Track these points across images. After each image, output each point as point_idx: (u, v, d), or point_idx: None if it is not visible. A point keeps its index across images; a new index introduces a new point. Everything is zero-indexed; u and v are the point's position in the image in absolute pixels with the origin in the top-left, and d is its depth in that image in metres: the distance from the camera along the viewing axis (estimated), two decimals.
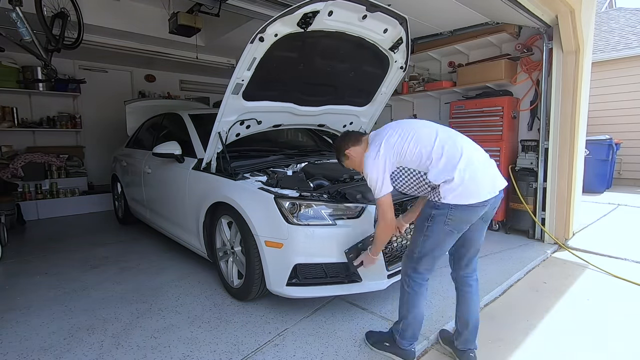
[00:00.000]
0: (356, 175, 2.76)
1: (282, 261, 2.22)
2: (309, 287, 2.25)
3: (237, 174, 2.60)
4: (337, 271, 2.25)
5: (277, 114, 3.05)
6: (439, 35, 4.63)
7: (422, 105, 5.48)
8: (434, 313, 2.41)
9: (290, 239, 2.18)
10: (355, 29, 2.58)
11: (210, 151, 2.80)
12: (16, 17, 2.96)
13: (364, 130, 3.79)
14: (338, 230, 2.23)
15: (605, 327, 2.33)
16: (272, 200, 2.24)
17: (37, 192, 5.46)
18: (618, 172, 7.70)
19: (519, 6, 3.26)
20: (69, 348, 2.10)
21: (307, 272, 2.24)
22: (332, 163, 3.17)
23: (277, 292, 2.31)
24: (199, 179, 2.92)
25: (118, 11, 4.45)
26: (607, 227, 4.54)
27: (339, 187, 2.47)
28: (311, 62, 2.75)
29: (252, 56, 2.38)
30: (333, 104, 3.28)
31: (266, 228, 2.27)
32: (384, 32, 2.73)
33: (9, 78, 5.26)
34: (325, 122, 3.52)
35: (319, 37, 2.52)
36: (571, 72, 3.63)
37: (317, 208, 2.25)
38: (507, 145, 4.14)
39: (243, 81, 2.51)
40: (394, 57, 3.03)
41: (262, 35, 2.28)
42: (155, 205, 3.71)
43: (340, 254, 2.20)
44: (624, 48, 7.82)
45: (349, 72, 3.02)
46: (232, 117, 2.74)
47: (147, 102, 5.21)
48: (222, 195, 2.58)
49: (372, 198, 2.38)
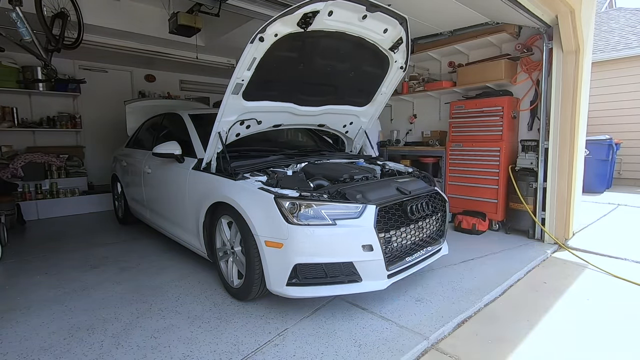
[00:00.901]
0: (356, 175, 2.76)
1: (282, 261, 2.22)
2: (309, 287, 2.25)
3: (237, 174, 2.60)
4: (337, 271, 2.25)
5: (277, 114, 3.05)
6: (439, 35, 4.64)
7: (422, 105, 5.48)
8: (434, 313, 2.41)
9: (290, 238, 2.17)
10: (356, 29, 2.58)
11: (210, 151, 2.80)
12: (16, 17, 2.96)
13: (364, 130, 3.79)
14: (338, 230, 2.23)
15: (605, 327, 2.33)
16: (272, 200, 2.24)
17: (37, 192, 5.46)
18: (618, 172, 7.71)
19: (519, 6, 3.26)
20: (69, 348, 2.10)
21: (307, 272, 2.23)
22: (332, 163, 3.16)
23: (277, 292, 2.31)
24: (199, 179, 2.92)
25: (118, 11, 4.45)
26: (607, 227, 4.54)
27: (339, 187, 2.47)
28: (311, 62, 2.75)
29: (252, 56, 2.38)
30: (333, 104, 3.28)
31: (266, 228, 2.27)
32: (384, 32, 2.73)
33: (9, 78, 5.26)
34: (325, 122, 3.53)
35: (319, 37, 2.53)
36: (571, 72, 3.63)
37: (317, 208, 2.25)
38: (507, 145, 4.14)
39: (243, 81, 2.52)
40: (394, 57, 3.04)
41: (262, 35, 2.28)
42: (156, 205, 3.71)
43: (340, 254, 2.20)
44: (624, 48, 7.83)
45: (349, 72, 3.02)
46: (232, 117, 2.74)
47: (147, 102, 5.20)
48: (222, 195, 2.58)
49: (372, 198, 2.39)
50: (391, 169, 3.30)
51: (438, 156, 4.88)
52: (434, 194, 2.85)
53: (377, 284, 2.31)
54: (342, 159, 3.36)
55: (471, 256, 3.45)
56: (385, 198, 2.45)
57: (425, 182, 3.01)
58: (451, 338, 2.20)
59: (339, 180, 2.70)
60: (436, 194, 2.88)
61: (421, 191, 2.77)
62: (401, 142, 5.58)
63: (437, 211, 2.85)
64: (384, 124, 5.92)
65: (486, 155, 4.24)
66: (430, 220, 2.77)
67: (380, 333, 2.19)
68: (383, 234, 2.33)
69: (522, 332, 2.24)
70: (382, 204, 2.36)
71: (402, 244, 2.48)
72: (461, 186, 4.49)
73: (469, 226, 4.23)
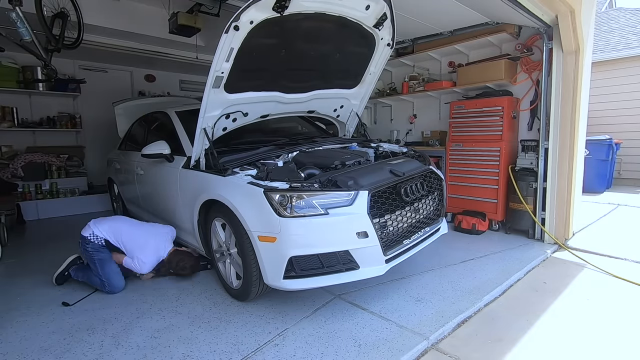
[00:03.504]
0: (348, 161, 2.71)
1: (277, 255, 2.19)
2: (307, 279, 2.21)
3: (226, 170, 2.55)
4: (333, 260, 2.22)
5: (263, 104, 2.97)
6: (439, 35, 4.64)
7: (422, 105, 5.48)
8: (434, 313, 2.40)
9: (283, 232, 2.14)
10: (336, 7, 2.48)
11: (198, 148, 2.75)
12: (16, 17, 2.96)
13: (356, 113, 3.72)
14: (331, 219, 2.19)
15: (605, 327, 2.33)
16: (261, 194, 2.21)
17: (37, 192, 5.46)
18: (618, 172, 7.70)
19: (519, 6, 3.25)
20: (69, 348, 2.10)
21: (304, 263, 2.20)
22: (324, 150, 3.08)
23: (275, 286, 2.28)
24: (189, 177, 2.89)
25: (118, 11, 4.45)
26: (607, 227, 4.54)
27: (330, 175, 2.42)
28: (293, 48, 2.66)
29: (229, 47, 2.31)
30: (321, 89, 3.19)
31: (258, 223, 2.24)
32: (366, 9, 2.62)
33: (9, 78, 5.26)
34: (314, 108, 3.42)
35: (298, 20, 2.43)
36: (571, 72, 3.63)
37: (308, 198, 2.20)
38: (507, 145, 4.14)
39: (223, 73, 2.45)
40: (380, 35, 2.93)
41: (237, 24, 2.20)
42: (151, 206, 3.71)
43: (334, 244, 2.18)
44: (624, 48, 7.82)
45: (334, 54, 2.92)
46: (216, 111, 2.67)
47: (136, 101, 5.11)
48: (212, 193, 2.56)
49: (364, 183, 2.33)
50: (385, 151, 3.24)
51: (438, 156, 4.87)
52: (429, 173, 2.81)
53: (376, 270, 2.29)
54: (335, 144, 3.29)
55: (471, 256, 3.44)
56: (377, 182, 2.41)
57: (419, 162, 2.96)
58: (451, 338, 2.20)
59: (331, 167, 2.66)
60: (431, 173, 2.83)
61: (415, 171, 2.72)
62: (401, 142, 5.58)
63: (433, 190, 2.81)
64: (384, 124, 5.93)
65: (486, 155, 4.24)
66: (427, 201, 2.72)
67: (380, 333, 2.19)
68: (378, 219, 2.30)
69: (522, 332, 2.24)
70: (374, 188, 2.33)
71: (399, 227, 2.45)
72: (461, 186, 4.49)
73: (468, 226, 4.23)
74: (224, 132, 2.90)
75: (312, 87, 3.13)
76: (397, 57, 5.30)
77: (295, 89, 3.04)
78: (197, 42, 5.14)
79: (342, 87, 3.34)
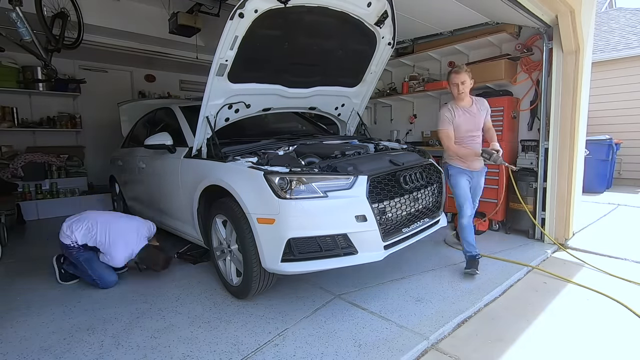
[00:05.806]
0: (348, 151, 2.72)
1: (275, 237, 2.18)
2: (305, 262, 2.21)
3: (227, 157, 2.57)
4: (332, 244, 2.22)
5: (266, 96, 2.99)
6: (439, 35, 4.63)
7: (422, 105, 5.47)
8: (434, 313, 2.40)
9: (282, 213, 2.14)
10: (338, 2, 2.51)
11: (200, 137, 2.77)
12: (16, 17, 2.96)
13: (357, 112, 3.73)
14: (330, 201, 2.20)
15: (604, 327, 2.33)
16: (261, 176, 2.22)
17: (37, 192, 5.46)
18: (618, 172, 7.70)
19: (519, 6, 3.25)
20: (69, 348, 2.10)
21: (302, 246, 2.20)
22: (324, 144, 3.09)
23: (273, 270, 2.27)
24: (191, 165, 2.91)
25: (118, 11, 4.45)
26: (607, 227, 4.54)
27: (330, 162, 2.44)
28: (296, 41, 2.68)
29: (234, 34, 2.32)
30: (322, 85, 3.21)
31: (257, 205, 2.25)
32: (368, 6, 2.65)
33: (9, 78, 5.26)
34: (316, 105, 3.44)
35: (301, 13, 2.46)
36: (571, 72, 3.63)
37: (308, 182, 2.21)
38: (507, 145, 4.14)
39: (227, 61, 2.46)
40: (381, 33, 2.95)
41: (242, 11, 2.23)
42: (152, 199, 3.71)
43: (333, 226, 2.18)
44: (624, 48, 7.82)
45: (336, 50, 2.94)
46: (218, 100, 2.69)
47: (140, 102, 5.17)
48: (213, 178, 2.56)
49: (363, 169, 2.35)
50: (385, 146, 3.26)
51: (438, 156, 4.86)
52: (428, 165, 2.82)
53: (374, 255, 2.29)
54: (336, 140, 3.30)
55: None
56: (377, 169, 2.42)
57: (419, 155, 2.98)
58: (451, 338, 2.20)
59: (331, 156, 2.67)
60: (430, 165, 2.85)
61: (414, 162, 2.74)
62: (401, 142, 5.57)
63: (432, 182, 2.82)
64: (384, 124, 5.92)
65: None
66: (426, 191, 2.74)
67: (380, 333, 2.19)
68: (377, 204, 2.30)
69: (522, 332, 2.24)
70: (373, 174, 2.34)
71: (398, 214, 2.46)
72: None
73: None
74: (226, 123, 2.91)
75: (314, 83, 3.15)
76: (397, 57, 5.29)
77: (298, 83, 3.06)
78: (197, 42, 5.15)
79: (343, 85, 3.35)
